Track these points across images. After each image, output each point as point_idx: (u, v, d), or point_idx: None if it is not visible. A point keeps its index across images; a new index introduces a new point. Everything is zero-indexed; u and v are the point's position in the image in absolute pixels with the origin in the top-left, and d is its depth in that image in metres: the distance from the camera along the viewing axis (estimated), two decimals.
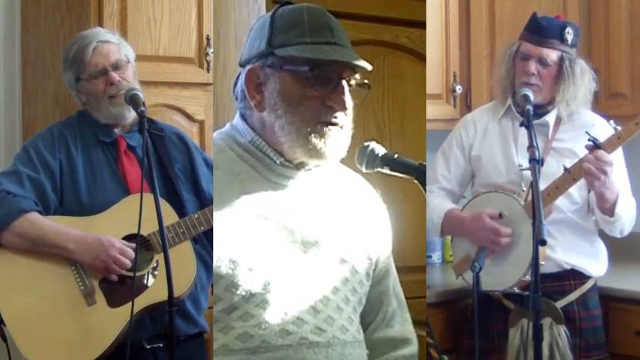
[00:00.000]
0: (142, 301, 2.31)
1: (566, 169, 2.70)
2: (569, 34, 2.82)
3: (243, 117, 1.85)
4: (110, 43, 2.50)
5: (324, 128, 1.74)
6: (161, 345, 2.42)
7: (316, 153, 1.75)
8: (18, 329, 2.32)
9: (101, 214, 2.41)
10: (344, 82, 1.75)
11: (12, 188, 2.37)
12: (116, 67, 2.48)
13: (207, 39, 3.04)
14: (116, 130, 2.53)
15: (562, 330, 2.79)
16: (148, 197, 2.20)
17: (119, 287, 2.36)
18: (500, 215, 2.75)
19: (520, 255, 2.71)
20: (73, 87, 2.53)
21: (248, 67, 1.78)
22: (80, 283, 2.36)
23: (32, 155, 2.43)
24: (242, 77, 1.80)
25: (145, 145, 2.21)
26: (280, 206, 1.77)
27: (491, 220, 2.75)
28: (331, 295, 1.78)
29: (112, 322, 2.33)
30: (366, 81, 1.78)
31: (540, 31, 2.82)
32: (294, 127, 1.74)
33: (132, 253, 2.34)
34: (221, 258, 1.69)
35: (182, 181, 2.54)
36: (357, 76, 1.77)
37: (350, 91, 1.77)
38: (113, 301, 2.35)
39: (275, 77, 1.75)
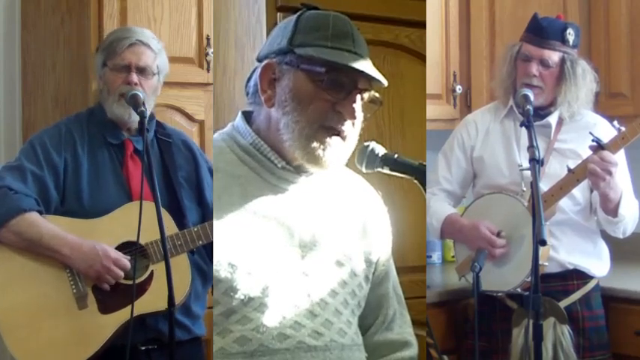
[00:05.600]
0: (135, 309, 2.28)
1: (570, 170, 2.70)
2: (571, 35, 2.81)
3: (247, 116, 1.84)
4: (148, 48, 2.49)
5: (327, 137, 1.73)
6: (155, 347, 2.41)
7: (314, 158, 1.74)
8: (7, 326, 2.32)
9: (101, 218, 2.40)
10: (357, 92, 1.75)
11: (14, 185, 2.36)
12: (141, 71, 2.47)
13: (207, 39, 3.04)
14: (124, 133, 2.52)
15: (566, 330, 2.79)
16: (150, 205, 2.20)
17: (112, 294, 2.35)
18: (499, 234, 2.75)
19: (523, 256, 2.71)
20: (97, 71, 2.52)
21: (265, 61, 1.79)
22: (73, 286, 2.35)
23: (38, 151, 2.43)
24: (257, 71, 1.80)
25: (146, 147, 2.20)
26: (280, 210, 1.77)
27: (488, 231, 2.75)
28: (329, 299, 1.78)
29: (101, 328, 2.33)
30: (377, 95, 1.78)
31: (541, 32, 2.82)
32: (298, 126, 1.73)
33: (127, 264, 2.34)
34: (220, 262, 1.69)
35: (185, 190, 2.52)
36: (373, 92, 1.77)
37: (362, 105, 1.76)
38: (104, 308, 2.35)
39: (290, 75, 1.75)
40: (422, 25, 3.38)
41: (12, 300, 2.33)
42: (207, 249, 2.46)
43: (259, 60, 1.82)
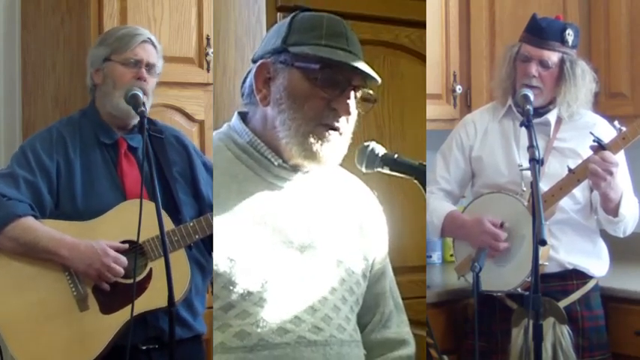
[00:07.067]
0: (135, 308, 2.28)
1: (570, 170, 2.70)
2: (570, 36, 2.82)
3: (243, 117, 1.86)
4: (155, 47, 2.52)
5: (324, 132, 1.75)
6: (156, 346, 2.41)
7: (311, 155, 1.75)
8: (10, 332, 2.31)
9: (97, 219, 2.39)
10: (351, 88, 1.76)
11: (7, 191, 2.35)
12: (149, 69, 2.48)
13: (207, 39, 3.04)
14: (117, 132, 2.51)
15: (565, 330, 2.79)
16: (145, 203, 2.20)
17: (112, 294, 2.35)
18: (502, 225, 2.76)
19: (524, 256, 2.71)
20: (95, 64, 2.50)
21: (260, 61, 1.80)
22: (73, 289, 2.35)
23: (29, 156, 2.42)
24: (252, 71, 1.81)
25: (146, 150, 2.20)
26: (277, 207, 1.78)
27: (491, 225, 2.75)
28: (328, 295, 1.79)
29: (103, 328, 2.32)
30: (370, 92, 1.80)
31: (541, 32, 2.82)
32: (295, 124, 1.75)
33: (126, 261, 2.34)
34: (219, 256, 1.70)
35: (180, 185, 2.52)
36: (367, 90, 1.79)
37: (356, 102, 1.78)
38: (106, 308, 2.34)
39: (285, 73, 1.77)
40: (422, 25, 3.38)
41: (12, 306, 2.33)
42: (206, 243, 2.46)
43: (254, 61, 1.83)
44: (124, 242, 2.38)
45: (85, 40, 2.85)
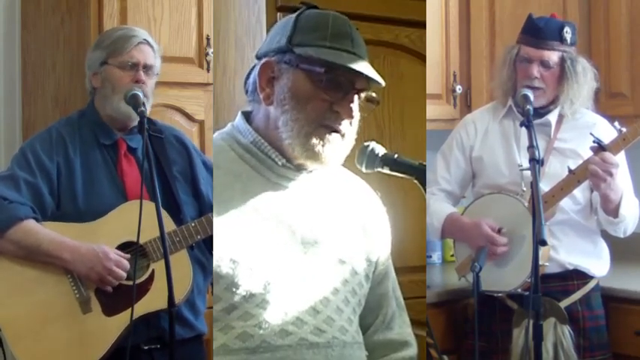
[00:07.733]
0: (138, 310, 2.28)
1: (570, 171, 2.70)
2: (568, 34, 2.81)
3: (247, 116, 1.85)
4: (153, 49, 2.51)
5: (326, 133, 1.75)
6: (158, 346, 2.41)
7: (313, 154, 1.75)
8: (13, 335, 2.31)
9: (98, 220, 2.39)
10: (355, 92, 1.76)
11: (8, 194, 2.35)
12: (147, 70, 2.47)
13: (207, 39, 3.04)
14: (117, 132, 2.51)
15: (566, 330, 2.79)
16: (146, 204, 2.20)
17: (115, 296, 2.34)
18: (500, 230, 2.75)
19: (524, 256, 2.70)
20: (93, 68, 2.50)
21: (264, 60, 1.80)
22: (76, 291, 2.34)
23: (29, 158, 2.42)
24: (256, 69, 1.81)
25: (146, 149, 2.19)
26: (281, 207, 1.77)
27: (489, 229, 2.75)
28: (331, 296, 1.78)
29: (107, 330, 2.32)
30: (374, 95, 1.80)
31: (539, 33, 2.81)
32: (297, 124, 1.74)
33: (127, 265, 2.33)
34: (221, 257, 1.69)
35: (180, 184, 2.52)
36: (370, 92, 1.79)
37: (360, 104, 1.78)
38: (109, 310, 2.34)
39: (289, 74, 1.76)
40: (422, 25, 3.38)
41: (15, 310, 2.32)
42: (206, 242, 2.46)
43: (258, 58, 1.83)
44: (125, 243, 2.37)
45: (85, 40, 2.85)
